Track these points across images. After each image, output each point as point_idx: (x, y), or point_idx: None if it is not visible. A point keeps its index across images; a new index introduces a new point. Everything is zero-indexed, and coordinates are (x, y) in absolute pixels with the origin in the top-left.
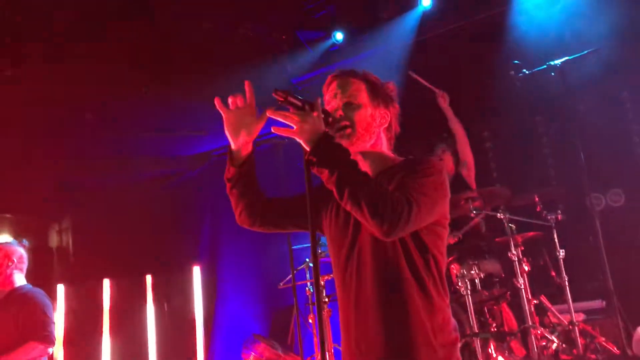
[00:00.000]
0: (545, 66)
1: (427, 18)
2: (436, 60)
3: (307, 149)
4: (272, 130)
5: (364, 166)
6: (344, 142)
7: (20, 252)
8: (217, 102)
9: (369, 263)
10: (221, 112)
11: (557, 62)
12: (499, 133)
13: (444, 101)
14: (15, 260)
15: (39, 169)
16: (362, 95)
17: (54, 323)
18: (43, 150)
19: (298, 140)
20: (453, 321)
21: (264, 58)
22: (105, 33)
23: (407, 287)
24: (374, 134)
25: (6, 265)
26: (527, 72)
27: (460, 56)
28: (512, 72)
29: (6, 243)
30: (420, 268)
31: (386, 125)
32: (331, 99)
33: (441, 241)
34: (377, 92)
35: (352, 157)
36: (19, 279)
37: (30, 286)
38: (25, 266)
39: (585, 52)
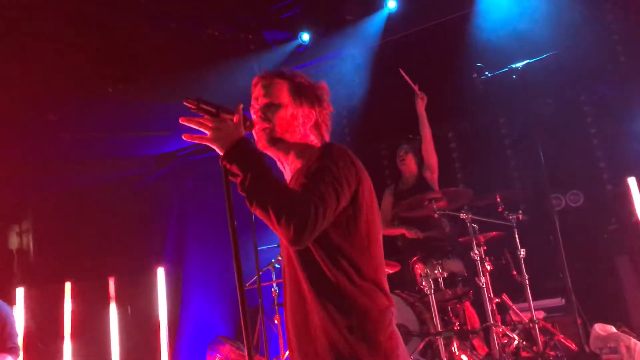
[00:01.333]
0: (507, 69)
1: (392, 20)
2: (401, 62)
3: (221, 154)
4: (183, 137)
5: (288, 160)
6: (266, 143)
7: None
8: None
9: (286, 269)
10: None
11: (519, 65)
12: (463, 134)
13: (422, 104)
14: None
15: None
16: (284, 95)
17: (17, 334)
18: (3, 151)
19: (212, 147)
20: (381, 307)
21: (230, 58)
22: (69, 32)
23: (314, 290)
24: (298, 132)
25: None
26: (489, 74)
27: (425, 58)
28: (475, 75)
29: None
30: (327, 268)
31: (311, 124)
32: (254, 100)
33: (353, 234)
34: (301, 92)
35: (276, 153)
36: None
37: None
38: None
39: (545, 55)
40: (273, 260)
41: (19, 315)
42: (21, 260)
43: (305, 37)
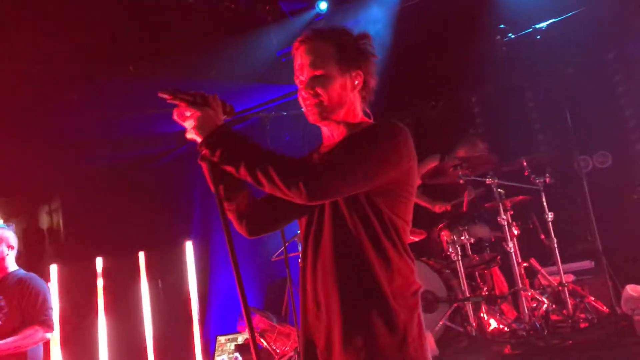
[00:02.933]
0: (530, 29)
1: None
2: (422, 27)
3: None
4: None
5: (329, 139)
6: (316, 117)
7: (14, 236)
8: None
9: (327, 231)
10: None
11: (543, 25)
12: (486, 99)
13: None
14: (14, 245)
15: (27, 150)
16: (330, 63)
17: (52, 308)
18: (31, 131)
19: (196, 137)
20: (415, 286)
21: (248, 30)
22: (89, 11)
23: (364, 251)
24: (347, 100)
25: (6, 252)
26: (512, 36)
27: (446, 22)
28: (498, 37)
29: (1, 228)
30: (378, 233)
31: (360, 86)
32: (298, 70)
33: (403, 207)
34: (347, 54)
35: (327, 126)
36: (12, 264)
37: (23, 271)
38: (16, 250)
39: (571, 13)
40: (298, 232)
41: (53, 292)
42: (52, 239)
43: (323, 5)
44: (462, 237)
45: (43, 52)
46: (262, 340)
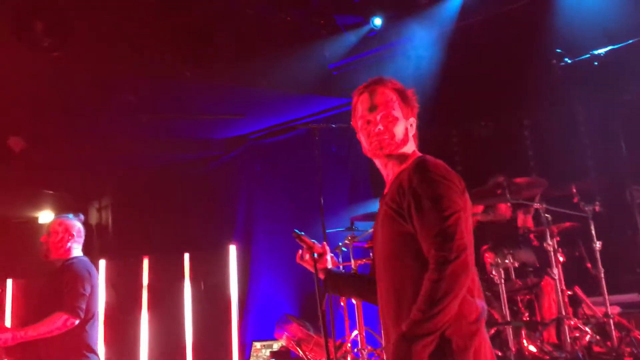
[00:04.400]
0: (588, 55)
1: (467, 4)
2: (476, 47)
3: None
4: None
5: (389, 166)
6: (381, 152)
7: (79, 226)
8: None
9: (382, 257)
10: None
11: (601, 51)
12: (537, 121)
13: None
14: (74, 234)
15: (80, 149)
16: (396, 108)
17: (86, 296)
18: (85, 130)
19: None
20: (476, 313)
21: (302, 43)
22: (148, 15)
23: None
24: (407, 141)
25: (66, 239)
26: (569, 61)
27: (501, 43)
28: (554, 61)
29: (66, 217)
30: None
31: (414, 132)
32: (366, 112)
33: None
34: (407, 101)
35: (384, 164)
36: (76, 251)
37: (81, 257)
38: (82, 239)
39: (631, 41)
40: (340, 244)
41: (100, 286)
42: (100, 235)
43: (377, 21)
44: (507, 261)
45: (100, 54)
46: (298, 349)
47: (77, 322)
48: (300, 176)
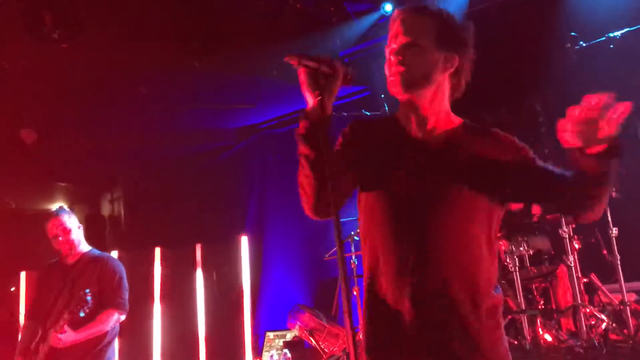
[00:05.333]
0: (604, 38)
1: None
2: (489, 33)
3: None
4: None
5: (423, 111)
6: (399, 88)
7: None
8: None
9: (446, 212)
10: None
11: (617, 33)
12: (551, 106)
13: None
14: (79, 224)
15: (93, 140)
16: (426, 36)
17: (127, 289)
18: (97, 121)
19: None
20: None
21: (312, 30)
22: (158, 8)
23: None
24: (435, 79)
25: (81, 233)
26: (584, 44)
27: (515, 28)
28: (569, 45)
29: (66, 210)
30: (492, 226)
31: (452, 70)
32: (391, 38)
33: None
34: (445, 33)
35: (408, 101)
36: (85, 244)
37: (98, 251)
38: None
39: None
40: (352, 233)
41: None
42: (113, 226)
43: (388, 7)
44: (521, 248)
45: (109, 46)
46: (310, 338)
47: (124, 317)
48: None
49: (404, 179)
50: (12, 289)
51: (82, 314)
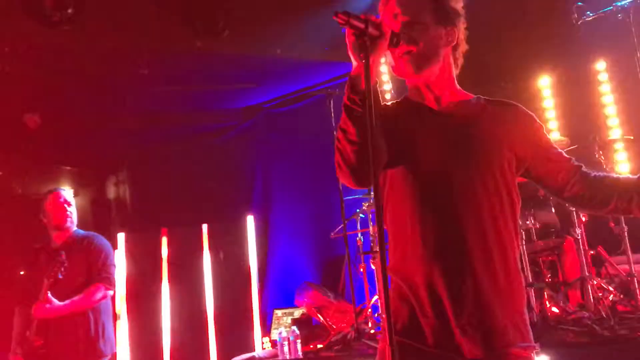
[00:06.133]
0: (611, 7)
1: None
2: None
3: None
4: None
5: (435, 89)
6: (410, 68)
7: None
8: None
9: (480, 198)
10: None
11: (625, 2)
12: (559, 81)
13: None
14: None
15: (97, 123)
16: (425, 12)
17: (114, 266)
18: (99, 104)
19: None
20: None
21: (316, 7)
22: None
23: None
24: (441, 55)
25: (73, 212)
26: (591, 14)
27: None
28: (575, 15)
29: (66, 190)
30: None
31: (454, 43)
32: (390, 20)
33: None
34: (442, 6)
35: (420, 81)
36: (74, 225)
37: (83, 231)
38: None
39: None
40: (358, 211)
41: (120, 259)
42: (119, 209)
43: None
44: (528, 222)
45: (111, 27)
46: (319, 316)
47: (112, 292)
48: (316, 144)
49: (432, 155)
50: (22, 273)
51: (60, 276)
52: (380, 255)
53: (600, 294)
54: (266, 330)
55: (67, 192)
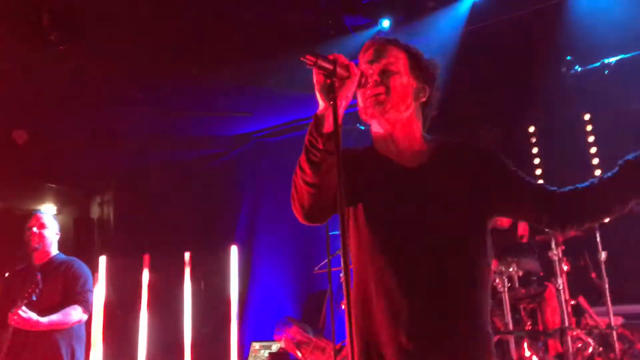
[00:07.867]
0: (599, 64)
1: (477, 8)
2: (485, 52)
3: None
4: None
5: (395, 136)
6: (377, 110)
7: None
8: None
9: (444, 242)
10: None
11: (612, 60)
12: (544, 128)
13: None
14: (59, 233)
15: (84, 143)
16: (401, 64)
17: (92, 291)
18: (89, 124)
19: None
20: None
21: (310, 43)
22: (157, 12)
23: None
24: (410, 106)
25: (53, 236)
26: (579, 68)
27: (511, 48)
28: (564, 68)
29: (50, 214)
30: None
31: (424, 99)
32: (367, 65)
33: None
34: (418, 65)
35: (383, 124)
36: (55, 249)
37: (64, 255)
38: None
39: None
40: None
41: (100, 283)
42: (102, 230)
43: (386, 23)
44: (511, 269)
45: (106, 49)
46: (297, 351)
47: (86, 317)
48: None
49: (391, 207)
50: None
51: (34, 297)
52: (346, 301)
53: (580, 345)
54: None
55: (46, 216)
